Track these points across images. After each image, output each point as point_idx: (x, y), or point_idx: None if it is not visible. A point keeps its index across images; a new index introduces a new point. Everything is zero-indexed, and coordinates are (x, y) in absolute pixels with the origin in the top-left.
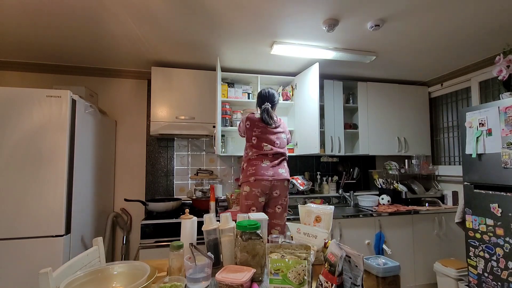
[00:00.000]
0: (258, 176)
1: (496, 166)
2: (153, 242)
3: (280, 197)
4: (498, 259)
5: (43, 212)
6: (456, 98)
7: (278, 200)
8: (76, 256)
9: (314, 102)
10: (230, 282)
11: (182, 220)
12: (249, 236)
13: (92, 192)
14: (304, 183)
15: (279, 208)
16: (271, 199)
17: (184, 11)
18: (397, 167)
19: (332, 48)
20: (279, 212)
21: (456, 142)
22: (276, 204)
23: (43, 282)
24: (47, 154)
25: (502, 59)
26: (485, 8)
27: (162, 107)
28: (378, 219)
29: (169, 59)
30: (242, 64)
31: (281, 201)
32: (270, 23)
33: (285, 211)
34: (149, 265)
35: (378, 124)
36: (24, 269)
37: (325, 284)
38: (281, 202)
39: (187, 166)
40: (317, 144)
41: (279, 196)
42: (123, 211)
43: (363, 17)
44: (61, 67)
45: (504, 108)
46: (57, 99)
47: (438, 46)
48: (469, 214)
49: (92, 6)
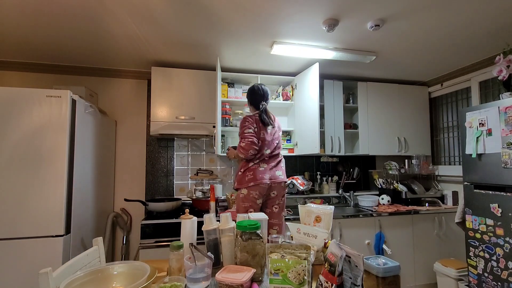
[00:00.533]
0: (256, 181)
1: (496, 166)
2: (153, 242)
3: (277, 197)
4: (498, 259)
5: (43, 212)
6: (456, 98)
7: (275, 200)
8: (76, 256)
9: (314, 102)
10: (230, 282)
11: (182, 220)
12: (249, 236)
13: (92, 192)
14: (304, 183)
15: (276, 208)
16: (268, 199)
17: (184, 11)
18: (397, 167)
19: (332, 48)
20: (276, 211)
21: (456, 142)
22: (273, 204)
23: (43, 282)
24: (47, 154)
25: (502, 59)
26: (485, 8)
27: (162, 107)
28: (378, 219)
29: (169, 59)
30: (242, 64)
31: (278, 201)
32: (270, 23)
33: (282, 210)
34: (149, 265)
35: (378, 124)
36: (24, 269)
37: (325, 284)
38: (278, 202)
39: (187, 166)
40: (317, 144)
41: (276, 196)
42: (123, 211)
43: (363, 17)
44: (61, 67)
45: (504, 108)
46: (57, 99)
47: (438, 46)
48: (469, 214)
49: (92, 6)
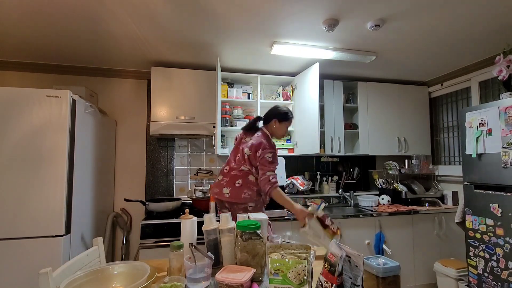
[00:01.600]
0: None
1: (496, 166)
2: (153, 242)
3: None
4: (498, 259)
5: (43, 212)
6: (456, 98)
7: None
8: (76, 256)
9: (314, 102)
10: (230, 282)
11: (182, 220)
12: (249, 236)
13: (92, 192)
14: (304, 183)
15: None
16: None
17: (184, 11)
18: (397, 167)
19: (332, 48)
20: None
21: (456, 142)
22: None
23: (43, 282)
24: (47, 154)
25: (502, 59)
26: (485, 8)
27: (162, 107)
28: (378, 219)
29: (169, 59)
30: (242, 64)
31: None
32: (270, 23)
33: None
34: (149, 265)
35: (378, 124)
36: (24, 269)
37: (325, 284)
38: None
39: (187, 166)
40: (317, 144)
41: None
42: (123, 211)
43: (363, 17)
44: (61, 67)
45: (504, 108)
46: (57, 99)
47: (438, 46)
48: (469, 214)
49: (92, 6)
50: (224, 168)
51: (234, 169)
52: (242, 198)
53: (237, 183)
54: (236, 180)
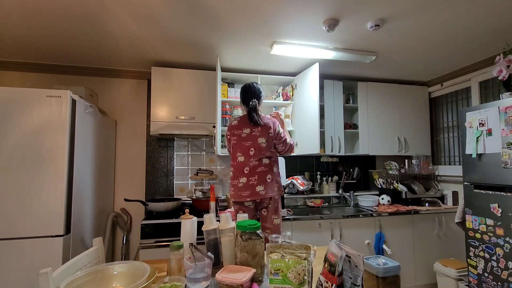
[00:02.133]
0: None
1: (496, 166)
2: (153, 242)
3: (264, 201)
4: (498, 259)
5: (43, 212)
6: (456, 98)
7: (263, 203)
8: (76, 256)
9: (314, 102)
10: (230, 282)
11: (182, 220)
12: (249, 236)
13: (92, 192)
14: (304, 183)
15: (265, 211)
16: (257, 204)
17: (184, 11)
18: (397, 167)
19: (332, 48)
20: (265, 215)
21: (456, 142)
22: (262, 208)
23: (43, 282)
24: (47, 154)
25: (502, 59)
26: (485, 9)
27: (162, 107)
28: (378, 219)
29: (169, 59)
30: (242, 64)
31: (266, 204)
32: (270, 23)
33: (273, 214)
34: (149, 265)
35: (378, 124)
36: (24, 269)
37: (325, 284)
38: (267, 205)
39: (187, 166)
40: (317, 144)
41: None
42: (123, 211)
43: (363, 17)
44: (61, 67)
45: (504, 108)
46: (57, 99)
47: (438, 46)
48: (469, 214)
49: (92, 6)
50: (244, 169)
51: (257, 167)
52: (275, 191)
53: (267, 179)
54: (266, 176)
